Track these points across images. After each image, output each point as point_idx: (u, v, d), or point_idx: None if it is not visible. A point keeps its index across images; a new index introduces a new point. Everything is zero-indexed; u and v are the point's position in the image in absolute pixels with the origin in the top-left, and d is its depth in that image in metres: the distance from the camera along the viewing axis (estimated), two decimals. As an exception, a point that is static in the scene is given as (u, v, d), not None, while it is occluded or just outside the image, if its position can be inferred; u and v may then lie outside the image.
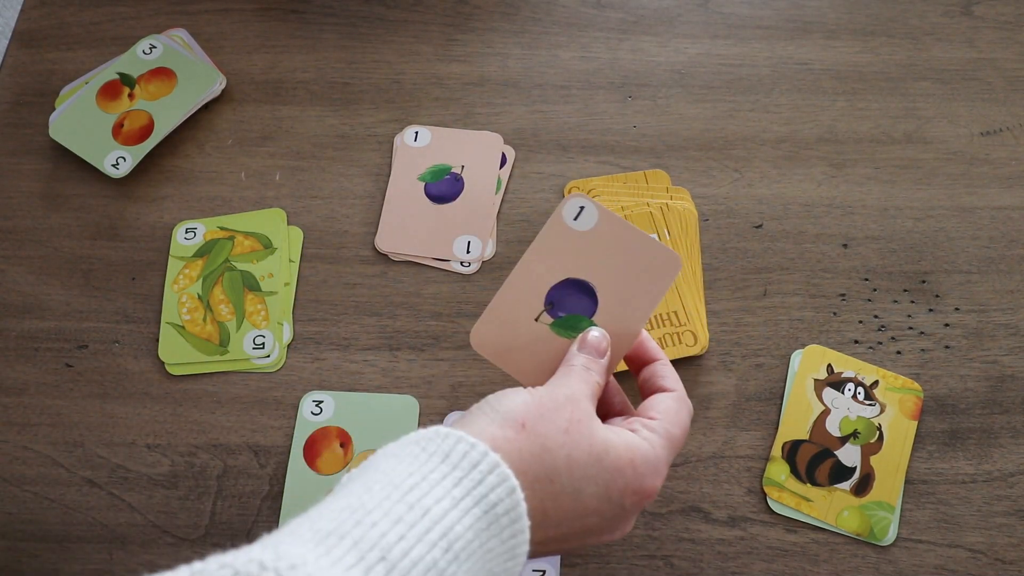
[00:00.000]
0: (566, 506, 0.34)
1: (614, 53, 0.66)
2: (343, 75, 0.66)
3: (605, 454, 0.35)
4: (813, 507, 0.51)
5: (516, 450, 0.33)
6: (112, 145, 0.62)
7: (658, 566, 0.50)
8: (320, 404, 0.54)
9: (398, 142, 0.63)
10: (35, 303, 0.58)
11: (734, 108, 0.64)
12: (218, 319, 0.57)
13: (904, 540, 0.51)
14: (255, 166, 0.63)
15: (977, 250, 0.59)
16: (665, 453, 0.37)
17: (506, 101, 0.65)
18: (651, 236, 0.40)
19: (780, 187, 0.61)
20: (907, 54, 0.66)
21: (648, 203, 0.58)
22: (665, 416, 0.38)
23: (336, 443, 0.53)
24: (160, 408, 0.55)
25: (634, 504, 0.36)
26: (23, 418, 0.55)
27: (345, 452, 0.53)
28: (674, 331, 0.54)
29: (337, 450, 0.53)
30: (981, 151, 0.62)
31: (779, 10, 0.68)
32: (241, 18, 0.68)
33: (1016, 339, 0.56)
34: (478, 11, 0.68)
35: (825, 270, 0.58)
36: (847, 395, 0.54)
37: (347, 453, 0.53)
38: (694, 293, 0.56)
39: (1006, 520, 0.51)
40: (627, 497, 0.35)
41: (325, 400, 0.54)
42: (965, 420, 0.54)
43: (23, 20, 0.69)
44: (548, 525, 0.34)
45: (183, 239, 0.59)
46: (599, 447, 0.35)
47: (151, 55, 0.65)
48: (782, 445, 0.53)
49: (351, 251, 0.60)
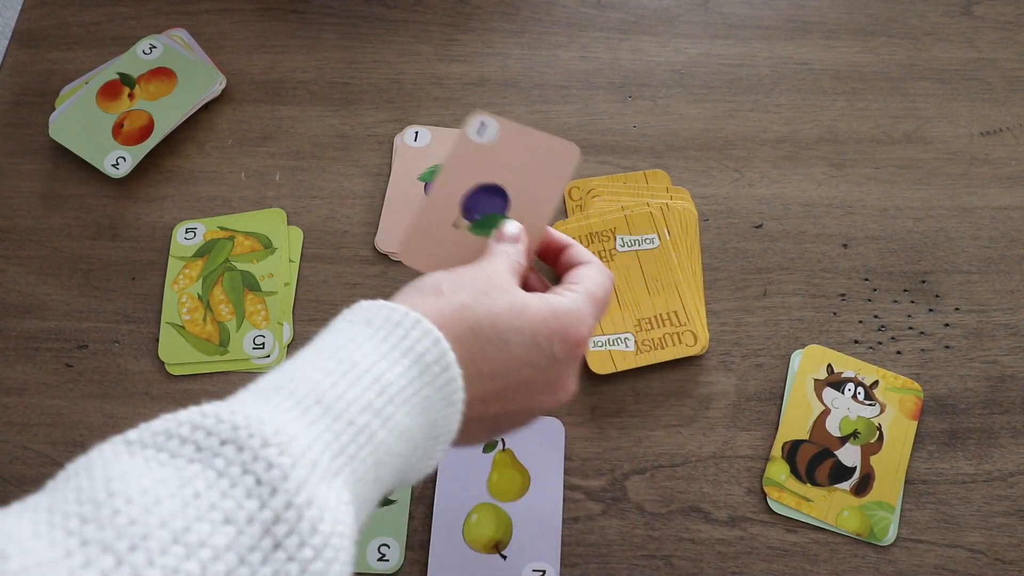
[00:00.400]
0: (495, 356, 0.35)
1: (614, 53, 0.66)
2: (343, 75, 0.66)
3: (526, 308, 0.36)
4: (813, 507, 0.51)
5: (436, 310, 0.34)
6: (112, 145, 0.62)
7: (658, 566, 0.50)
8: None
9: (398, 142, 0.63)
10: (35, 303, 0.58)
11: (734, 108, 0.64)
12: (218, 319, 0.57)
13: (904, 540, 0.51)
14: (255, 166, 0.63)
15: (977, 250, 0.59)
16: (588, 308, 0.38)
17: (506, 101, 0.65)
18: (549, 134, 0.44)
19: (780, 187, 0.61)
20: (907, 54, 0.66)
21: (648, 203, 0.58)
22: (583, 280, 0.39)
23: None
24: (160, 408, 0.55)
25: (565, 353, 0.36)
26: (23, 418, 0.55)
27: None
28: (674, 331, 0.54)
29: None
30: (981, 151, 0.62)
31: (779, 10, 0.68)
32: (241, 18, 0.68)
33: (1016, 339, 0.56)
34: (478, 11, 0.68)
35: (825, 270, 0.58)
36: (847, 395, 0.54)
37: None
38: (694, 293, 0.56)
39: (1006, 520, 0.51)
40: (556, 345, 0.36)
41: None
42: (965, 420, 0.54)
43: (23, 20, 0.69)
44: (483, 378, 0.35)
45: (183, 239, 0.59)
46: (519, 304, 0.36)
47: (151, 55, 0.65)
48: (782, 445, 0.53)
49: (351, 251, 0.60)
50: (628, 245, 0.56)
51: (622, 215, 0.57)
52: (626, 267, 0.56)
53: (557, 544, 0.51)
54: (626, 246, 0.56)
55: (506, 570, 0.50)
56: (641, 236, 0.56)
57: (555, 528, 0.51)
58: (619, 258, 0.56)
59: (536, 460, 0.53)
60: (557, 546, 0.51)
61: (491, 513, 0.51)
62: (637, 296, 0.55)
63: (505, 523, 0.51)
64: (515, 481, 0.52)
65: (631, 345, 0.54)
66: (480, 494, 0.52)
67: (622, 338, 0.54)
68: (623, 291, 0.55)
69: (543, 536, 0.51)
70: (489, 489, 0.52)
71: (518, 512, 0.51)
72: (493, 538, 0.51)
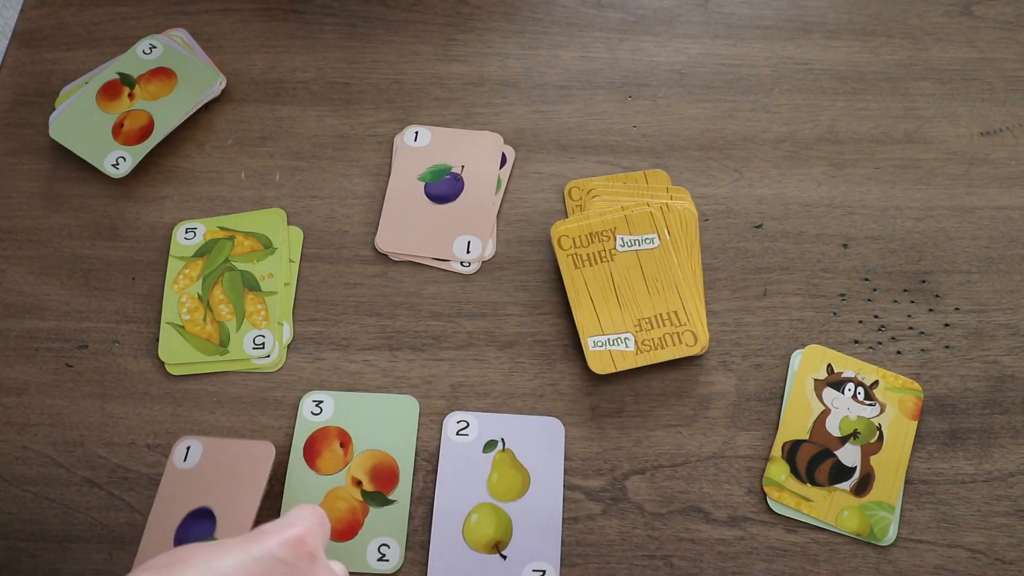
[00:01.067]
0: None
1: (614, 53, 0.66)
2: (343, 75, 0.66)
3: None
4: (813, 507, 0.51)
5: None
6: (112, 145, 0.62)
7: (658, 566, 0.51)
8: (320, 404, 0.54)
9: (398, 142, 0.63)
10: (35, 303, 0.58)
11: (734, 108, 0.64)
12: (218, 319, 0.57)
13: (904, 540, 0.51)
14: (255, 166, 0.63)
15: (977, 250, 0.59)
16: (293, 515, 0.39)
17: (506, 101, 0.65)
18: (247, 440, 0.49)
19: (780, 187, 0.61)
20: (907, 54, 0.66)
21: (648, 203, 0.58)
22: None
23: (336, 443, 0.53)
24: (160, 408, 0.55)
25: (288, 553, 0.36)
26: (23, 418, 0.55)
27: (345, 452, 0.53)
28: (674, 331, 0.54)
29: (337, 450, 0.53)
30: (981, 151, 0.62)
31: (779, 10, 0.68)
32: (241, 18, 0.68)
33: (1016, 339, 0.56)
34: (478, 11, 0.68)
35: (825, 270, 0.58)
36: (847, 395, 0.54)
37: (347, 453, 0.53)
38: (694, 293, 0.56)
39: (1006, 520, 0.51)
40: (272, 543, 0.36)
41: (325, 400, 0.54)
42: (965, 420, 0.54)
43: (23, 20, 0.69)
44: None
45: (183, 239, 0.59)
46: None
47: (151, 55, 0.65)
48: (782, 445, 0.53)
49: (351, 251, 0.60)
50: (628, 245, 0.56)
51: (622, 215, 0.57)
52: (626, 267, 0.56)
53: (557, 544, 0.51)
54: (626, 246, 0.56)
55: (506, 570, 0.50)
56: (641, 236, 0.56)
57: (555, 528, 0.51)
58: (619, 258, 0.56)
59: (536, 460, 0.53)
60: (557, 546, 0.51)
61: (491, 513, 0.51)
62: (637, 296, 0.55)
63: (505, 523, 0.51)
64: (515, 481, 0.52)
65: (631, 345, 0.54)
66: (480, 494, 0.52)
67: (622, 338, 0.54)
68: (623, 291, 0.55)
69: (543, 536, 0.51)
70: (489, 489, 0.52)
71: (518, 512, 0.51)
72: (493, 538, 0.51)
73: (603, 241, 0.56)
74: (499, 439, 0.53)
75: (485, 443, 0.53)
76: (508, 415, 0.54)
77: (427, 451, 0.53)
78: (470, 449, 0.53)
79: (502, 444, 0.53)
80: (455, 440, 0.53)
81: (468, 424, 0.54)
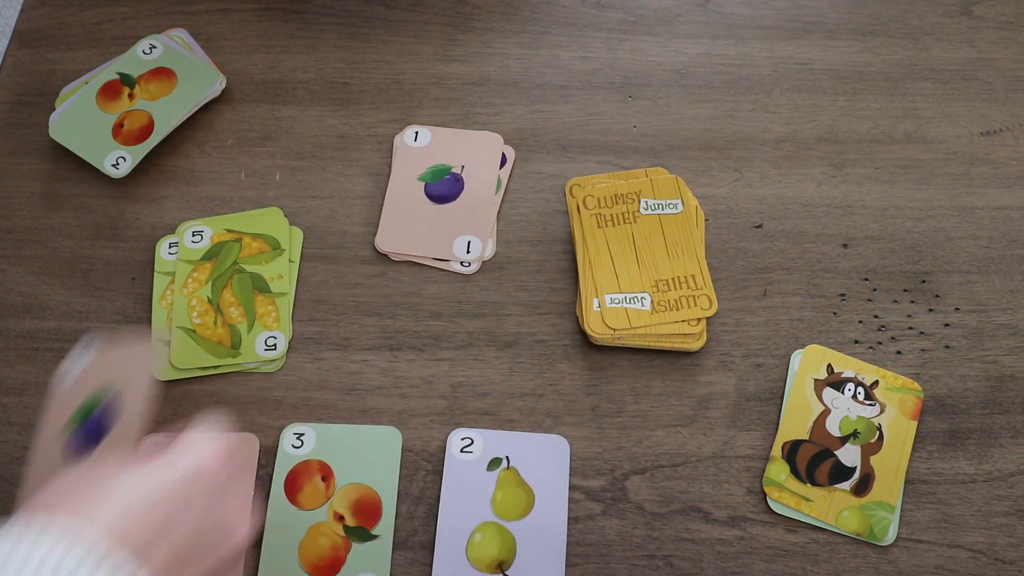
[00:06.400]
0: None
1: (614, 53, 0.66)
2: (343, 75, 0.66)
3: None
4: (813, 507, 0.51)
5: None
6: (112, 145, 0.62)
7: (658, 566, 0.50)
8: (301, 437, 0.53)
9: (398, 142, 0.63)
10: (35, 303, 0.58)
11: (734, 108, 0.64)
12: (229, 322, 0.56)
13: (904, 540, 0.51)
14: (255, 166, 0.63)
15: (977, 250, 0.59)
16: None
17: (506, 101, 0.65)
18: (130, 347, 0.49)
19: (780, 187, 0.61)
20: (907, 54, 0.66)
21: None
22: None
23: (318, 477, 0.52)
24: (160, 408, 0.55)
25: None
26: (23, 418, 0.55)
27: (327, 486, 0.52)
28: (691, 294, 0.55)
29: (319, 484, 0.52)
30: (981, 151, 0.62)
31: (779, 10, 0.68)
32: (241, 18, 0.69)
33: (1016, 339, 0.56)
34: (478, 11, 0.68)
35: (825, 270, 0.58)
36: (847, 395, 0.54)
37: (329, 487, 0.52)
38: (703, 267, 0.56)
39: (1006, 520, 0.51)
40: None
41: (306, 432, 0.53)
42: (965, 420, 0.54)
43: (23, 20, 0.69)
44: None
45: (190, 242, 0.59)
46: None
47: (151, 55, 0.65)
48: (782, 445, 0.53)
49: (351, 251, 0.60)
50: (652, 208, 0.57)
51: (647, 179, 0.58)
52: (648, 229, 0.56)
53: (562, 565, 0.50)
54: (649, 209, 0.57)
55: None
56: (666, 200, 0.57)
57: (560, 548, 0.50)
58: (642, 220, 0.57)
59: (541, 479, 0.52)
60: (562, 567, 0.50)
61: (495, 532, 0.50)
62: (657, 258, 0.55)
63: (509, 543, 0.50)
64: (519, 500, 0.51)
65: (647, 304, 0.54)
66: (484, 513, 0.51)
67: (639, 297, 0.54)
68: (643, 252, 0.56)
69: (547, 556, 0.50)
70: (493, 508, 0.51)
71: (523, 531, 0.50)
72: (497, 558, 0.50)
73: (627, 203, 0.57)
74: (504, 457, 0.53)
75: (490, 461, 0.53)
76: (513, 432, 0.53)
77: (427, 451, 0.53)
78: (474, 467, 0.52)
79: (507, 462, 0.52)
80: (459, 457, 0.52)
81: (472, 441, 0.53)
